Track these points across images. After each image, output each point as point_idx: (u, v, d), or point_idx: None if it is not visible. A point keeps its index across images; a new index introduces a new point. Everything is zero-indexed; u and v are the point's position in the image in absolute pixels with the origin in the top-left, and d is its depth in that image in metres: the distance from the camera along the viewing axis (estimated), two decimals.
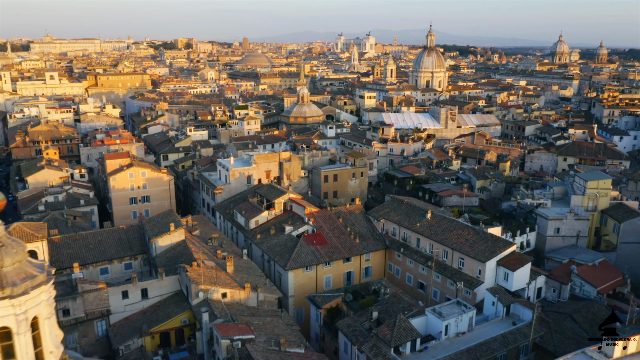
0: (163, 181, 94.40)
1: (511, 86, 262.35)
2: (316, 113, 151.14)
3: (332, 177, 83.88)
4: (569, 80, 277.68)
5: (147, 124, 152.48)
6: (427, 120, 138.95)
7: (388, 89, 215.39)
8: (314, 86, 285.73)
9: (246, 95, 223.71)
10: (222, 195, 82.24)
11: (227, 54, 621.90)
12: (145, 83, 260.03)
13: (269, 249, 64.43)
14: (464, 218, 63.75)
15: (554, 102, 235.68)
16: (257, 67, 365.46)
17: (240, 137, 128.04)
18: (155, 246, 60.18)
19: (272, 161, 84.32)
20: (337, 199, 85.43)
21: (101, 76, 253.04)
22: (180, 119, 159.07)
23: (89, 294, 48.78)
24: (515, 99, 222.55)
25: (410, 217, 65.96)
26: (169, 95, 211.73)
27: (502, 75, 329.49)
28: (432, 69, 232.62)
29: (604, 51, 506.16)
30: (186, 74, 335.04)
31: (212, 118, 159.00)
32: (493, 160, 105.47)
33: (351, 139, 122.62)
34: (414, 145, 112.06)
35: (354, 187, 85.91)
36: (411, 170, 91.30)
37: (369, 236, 67.14)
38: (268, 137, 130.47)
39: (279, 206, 71.29)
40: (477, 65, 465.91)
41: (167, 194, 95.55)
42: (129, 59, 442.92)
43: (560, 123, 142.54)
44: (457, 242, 58.53)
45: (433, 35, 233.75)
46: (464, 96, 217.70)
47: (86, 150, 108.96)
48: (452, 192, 76.97)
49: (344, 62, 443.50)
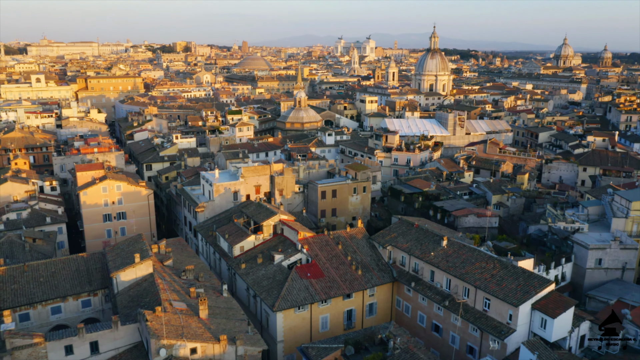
0: (141, 196, 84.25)
1: (517, 90, 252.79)
2: (314, 118, 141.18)
3: (331, 193, 73.76)
4: (577, 84, 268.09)
5: (133, 130, 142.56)
6: (434, 127, 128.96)
7: (390, 93, 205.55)
8: (313, 90, 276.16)
9: (242, 100, 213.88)
10: (205, 214, 72.09)
11: (225, 57, 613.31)
12: (138, 86, 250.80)
13: (255, 282, 54.21)
14: (487, 246, 53.62)
15: (563, 106, 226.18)
16: (255, 70, 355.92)
17: (232, 145, 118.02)
18: (117, 281, 50.01)
19: (262, 175, 74.20)
20: (336, 217, 75.29)
21: (92, 79, 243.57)
22: (170, 124, 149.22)
23: (21, 351, 38.58)
24: (523, 103, 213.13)
25: (423, 244, 55.76)
26: (160, 99, 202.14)
27: (507, 78, 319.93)
28: (436, 72, 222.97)
29: (608, 55, 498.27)
30: (182, 77, 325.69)
31: (203, 124, 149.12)
32: (509, 171, 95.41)
33: (352, 147, 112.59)
34: (420, 154, 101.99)
35: (356, 203, 75.77)
36: (419, 184, 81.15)
37: (374, 266, 56.93)
38: (262, 144, 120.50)
39: (267, 229, 61.14)
40: (480, 69, 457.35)
41: (146, 210, 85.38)
42: (126, 62, 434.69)
43: (576, 129, 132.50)
44: (481, 278, 48.32)
45: (437, 37, 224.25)
46: (470, 100, 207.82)
47: (59, 160, 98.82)
48: (469, 212, 66.88)
49: (343, 66, 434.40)
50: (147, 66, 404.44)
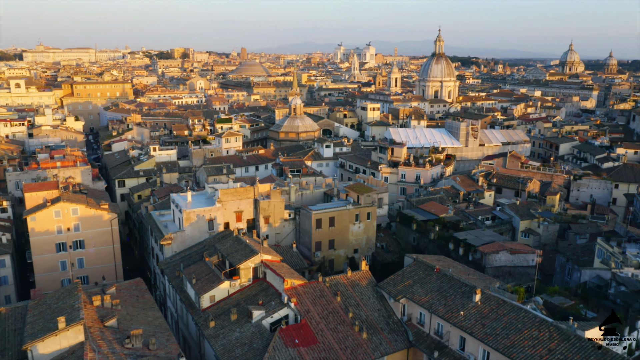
0: (103, 220, 70.80)
1: (526, 97, 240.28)
2: (311, 127, 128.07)
3: (328, 221, 60.38)
4: (588, 91, 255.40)
5: (111, 140, 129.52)
6: (444, 137, 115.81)
7: (393, 100, 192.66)
8: (311, 96, 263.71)
9: (235, 107, 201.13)
10: (174, 247, 58.69)
11: (223, 63, 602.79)
12: (127, 92, 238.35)
13: (226, 350, 40.72)
14: (535, 303, 40.16)
15: (576, 114, 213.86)
16: (251, 76, 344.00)
17: (217, 158, 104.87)
18: (34, 356, 36.57)
19: (244, 198, 60.89)
20: (335, 250, 61.89)
21: (78, 85, 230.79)
22: (153, 133, 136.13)
23: None
24: (534, 110, 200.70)
25: (447, 298, 42.36)
26: (148, 106, 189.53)
27: (514, 85, 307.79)
28: (441, 78, 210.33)
29: (613, 61, 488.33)
30: (175, 83, 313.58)
31: (190, 133, 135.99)
32: (535, 190, 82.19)
33: (353, 160, 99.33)
34: (431, 170, 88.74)
35: (358, 233, 62.40)
36: (434, 208, 67.78)
37: (383, 326, 43.47)
38: (251, 157, 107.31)
39: (246, 273, 47.73)
40: (482, 76, 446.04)
41: (109, 238, 71.93)
42: (121, 68, 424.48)
43: (601, 140, 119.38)
44: (535, 355, 34.84)
45: (442, 40, 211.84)
46: (478, 108, 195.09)
47: (14, 176, 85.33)
48: (500, 247, 53.52)
49: (343, 72, 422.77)
50: (142, 72, 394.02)
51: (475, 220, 70.02)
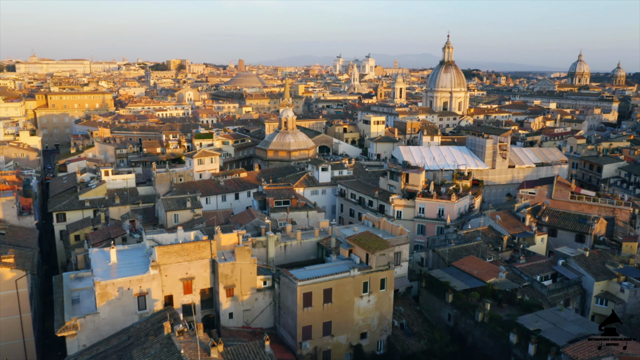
0: (4, 282, 50.04)
1: (542, 109, 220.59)
2: (304, 144, 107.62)
3: (322, 295, 39.63)
4: (608, 103, 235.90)
5: (68, 159, 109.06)
6: (465, 157, 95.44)
7: (398, 112, 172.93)
8: (309, 109, 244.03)
9: (223, 120, 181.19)
10: (82, 339, 37.84)
11: (219, 75, 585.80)
12: (107, 104, 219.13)
13: None
14: None
15: (598, 128, 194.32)
16: (244, 87, 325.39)
17: (187, 184, 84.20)
18: None
19: (195, 259, 40.17)
20: (332, 337, 41.00)
21: (53, 95, 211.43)
22: (120, 151, 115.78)
23: None
24: (553, 124, 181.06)
25: None
26: (126, 118, 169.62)
27: (525, 97, 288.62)
28: (451, 88, 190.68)
29: (621, 73, 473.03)
30: (163, 94, 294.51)
31: (163, 150, 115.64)
32: (602, 233, 61.54)
33: (355, 187, 78.72)
34: (458, 202, 68.10)
35: (367, 310, 41.61)
36: (476, 267, 46.95)
37: None
38: (231, 182, 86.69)
39: None
40: (487, 88, 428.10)
41: (15, 305, 51.02)
42: (113, 79, 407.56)
43: None
44: None
45: (451, 47, 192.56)
46: (493, 121, 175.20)
47: None
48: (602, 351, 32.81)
49: (342, 84, 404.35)
50: (134, 83, 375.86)
51: (531, 280, 49.34)
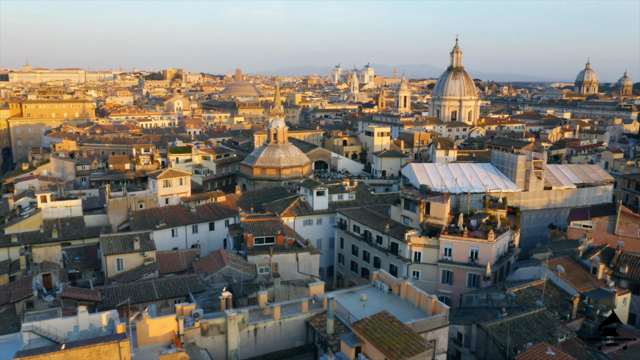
0: None
1: (557, 119, 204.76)
2: (297, 161, 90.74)
3: None
4: (626, 112, 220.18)
5: (17, 177, 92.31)
6: (492, 177, 78.60)
7: (403, 123, 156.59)
8: (306, 119, 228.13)
9: (210, 131, 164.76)
10: None
11: (215, 84, 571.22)
12: (88, 113, 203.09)
13: None
14: None
15: (620, 139, 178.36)
16: (238, 96, 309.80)
17: (150, 211, 67.15)
18: None
19: None
20: None
21: (28, 104, 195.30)
22: (82, 167, 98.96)
23: None
24: (572, 135, 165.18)
25: None
26: (103, 129, 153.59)
27: (537, 106, 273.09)
28: (460, 96, 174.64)
29: (628, 82, 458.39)
30: (152, 103, 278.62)
31: (132, 167, 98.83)
32: None
33: (359, 218, 61.75)
34: (497, 241, 51.21)
35: None
36: None
37: None
38: (204, 209, 69.60)
39: None
40: (491, 97, 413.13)
41: None
42: (106, 88, 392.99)
43: None
44: None
45: (460, 52, 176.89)
46: (508, 132, 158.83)
47: None
48: None
49: (341, 93, 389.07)
50: (125, 92, 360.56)
51: None
